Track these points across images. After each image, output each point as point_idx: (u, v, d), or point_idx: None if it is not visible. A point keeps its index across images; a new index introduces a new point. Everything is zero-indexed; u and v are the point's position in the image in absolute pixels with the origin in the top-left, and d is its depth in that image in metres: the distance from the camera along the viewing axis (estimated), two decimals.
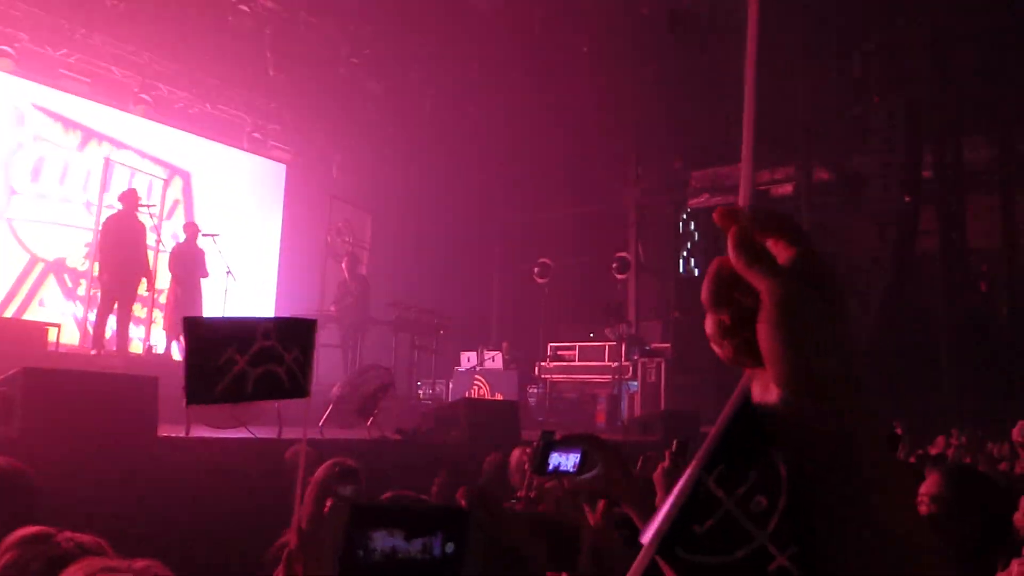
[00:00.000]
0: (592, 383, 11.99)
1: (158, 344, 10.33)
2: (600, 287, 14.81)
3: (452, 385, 11.79)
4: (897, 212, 12.31)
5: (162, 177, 11.55)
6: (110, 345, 9.12)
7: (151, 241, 9.81)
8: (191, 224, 10.26)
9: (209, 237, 10.06)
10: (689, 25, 10.14)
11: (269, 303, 12.60)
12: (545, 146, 13.46)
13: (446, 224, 14.79)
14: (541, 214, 15.58)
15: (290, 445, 4.36)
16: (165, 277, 10.07)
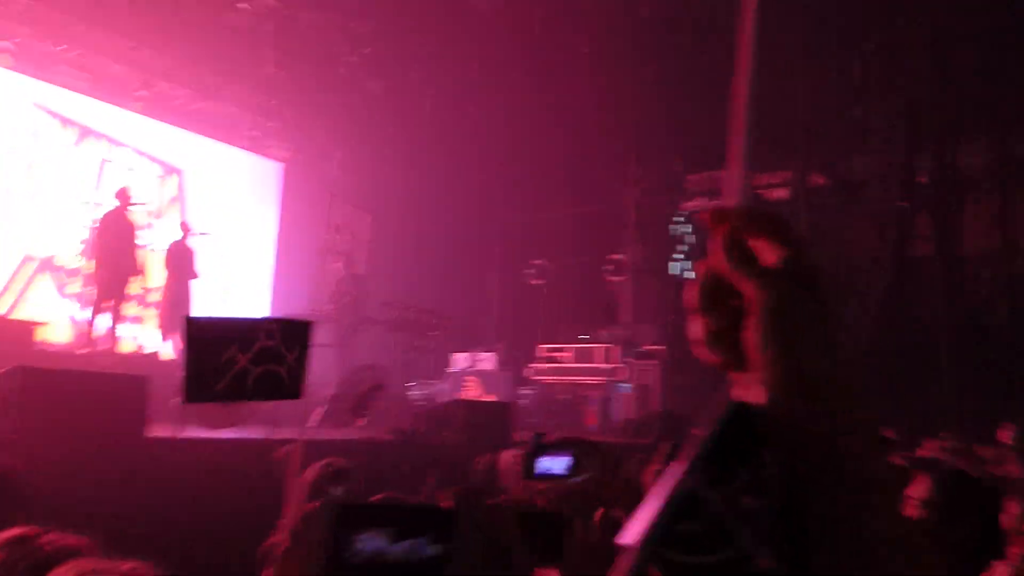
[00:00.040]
0: (585, 385, 11.98)
1: (150, 343, 10.31)
2: (596, 289, 14.80)
3: (445, 386, 11.78)
4: (894, 214, 12.32)
5: (158, 175, 11.53)
6: (101, 344, 9.09)
7: (145, 240, 9.79)
8: (184, 223, 10.26)
9: (201, 236, 10.05)
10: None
11: (264, 302, 12.58)
12: (543, 147, 13.45)
13: (443, 224, 14.78)
14: (537, 215, 15.58)
15: (282, 445, 4.35)
16: (158, 276, 10.05)
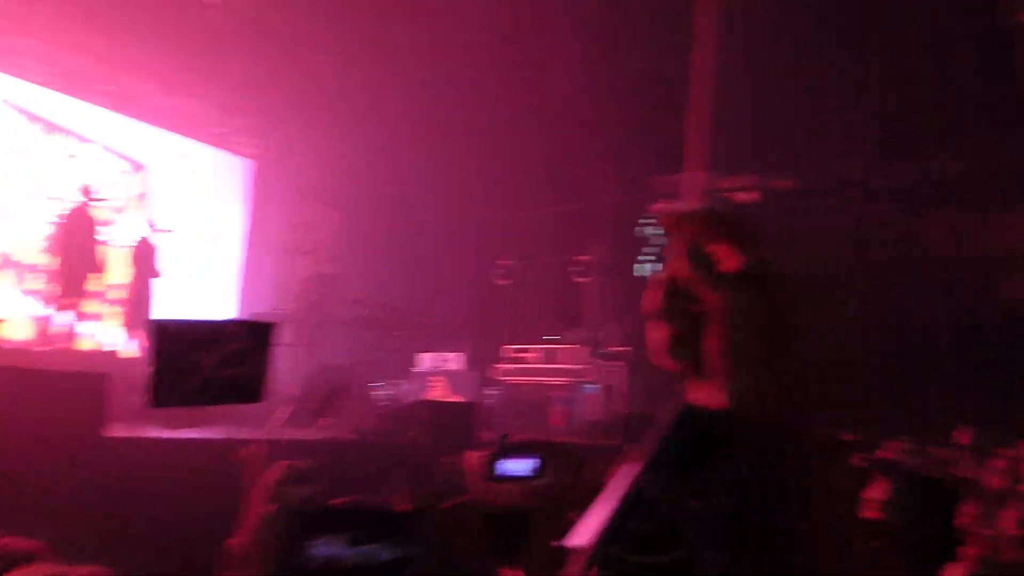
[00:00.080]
0: (550, 386, 11.99)
1: (111, 341, 10.15)
2: (561, 290, 14.83)
3: (410, 386, 11.72)
4: (858, 222, 12.52)
5: (122, 171, 11.34)
6: (60, 341, 8.94)
7: (107, 236, 9.64)
8: (149, 220, 10.12)
9: (163, 233, 9.93)
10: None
11: (229, 300, 12.43)
12: (511, 148, 13.45)
13: (410, 223, 14.72)
14: (505, 215, 15.57)
15: (244, 445, 4.30)
16: (120, 273, 9.90)
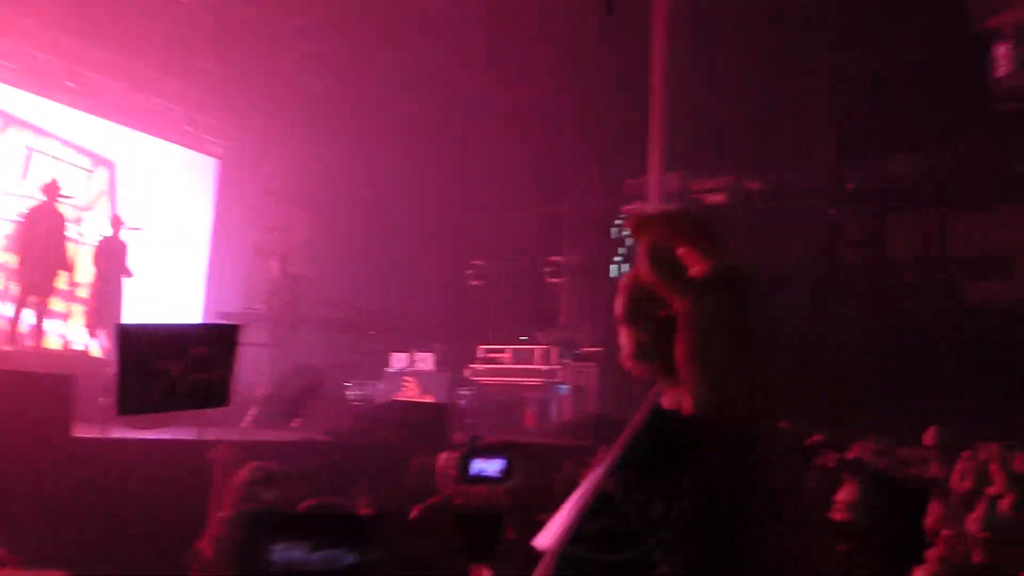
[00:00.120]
0: (523, 386, 12.02)
1: (76, 340, 10.00)
2: (534, 290, 14.87)
3: (382, 386, 11.69)
4: (824, 223, 12.69)
5: (86, 168, 11.17)
6: (25, 340, 8.80)
7: (72, 234, 9.49)
8: (115, 217, 9.96)
9: (132, 231, 9.80)
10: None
11: (197, 301, 12.30)
12: (484, 149, 13.46)
13: (382, 224, 14.66)
14: (477, 216, 15.57)
15: (212, 447, 4.27)
16: (85, 271, 9.76)
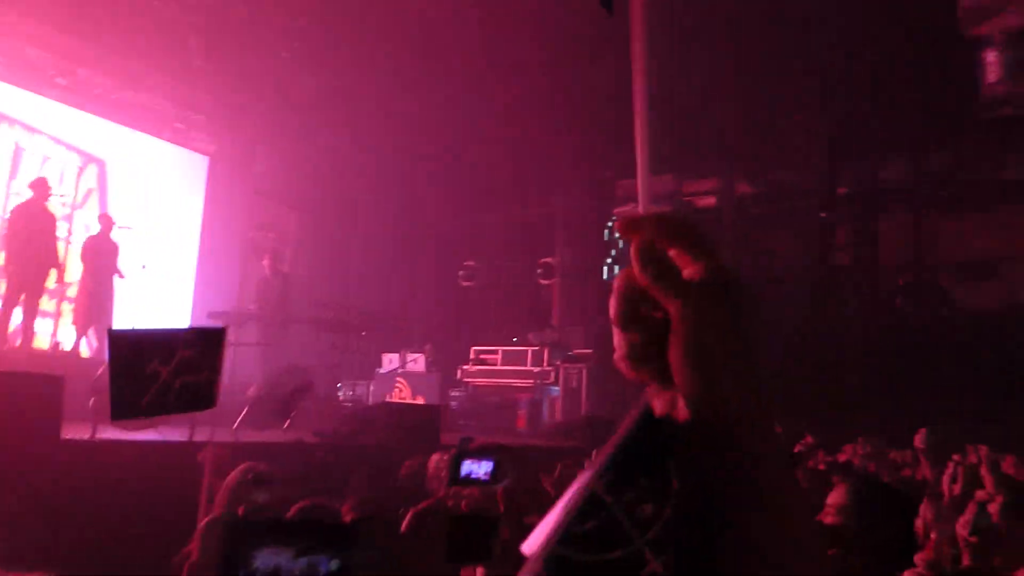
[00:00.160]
0: (514, 388, 12.02)
1: (66, 340, 9.94)
2: (526, 292, 14.88)
3: (373, 387, 11.66)
4: (815, 226, 12.75)
5: (76, 165, 11.12)
6: (14, 340, 8.75)
7: (62, 232, 9.44)
8: (105, 216, 9.91)
9: (124, 230, 9.75)
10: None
11: (187, 300, 12.25)
12: (476, 149, 13.45)
13: (373, 223, 14.64)
14: (469, 217, 15.58)
15: (203, 447, 4.25)
16: (75, 269, 9.70)
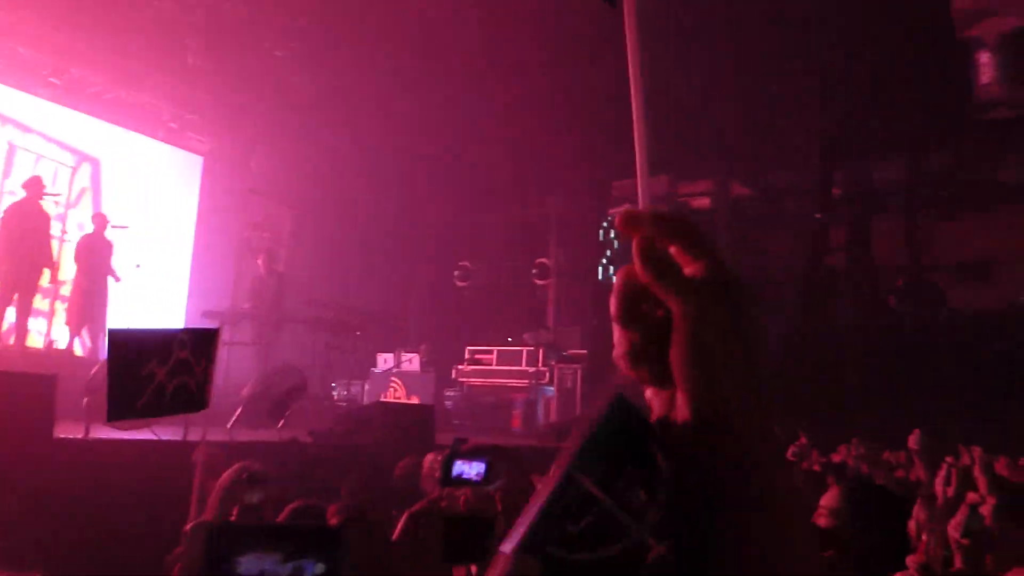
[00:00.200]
0: (509, 388, 12.01)
1: (59, 339, 9.91)
2: (521, 292, 14.88)
3: (368, 387, 11.64)
4: (810, 227, 12.79)
5: (69, 164, 11.08)
6: (7, 338, 8.72)
7: (56, 231, 9.41)
8: (99, 215, 9.88)
9: (118, 229, 9.72)
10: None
11: (181, 299, 12.22)
12: (472, 149, 13.44)
13: (368, 223, 14.62)
14: (465, 217, 15.56)
15: (198, 447, 4.24)
16: (69, 268, 9.67)
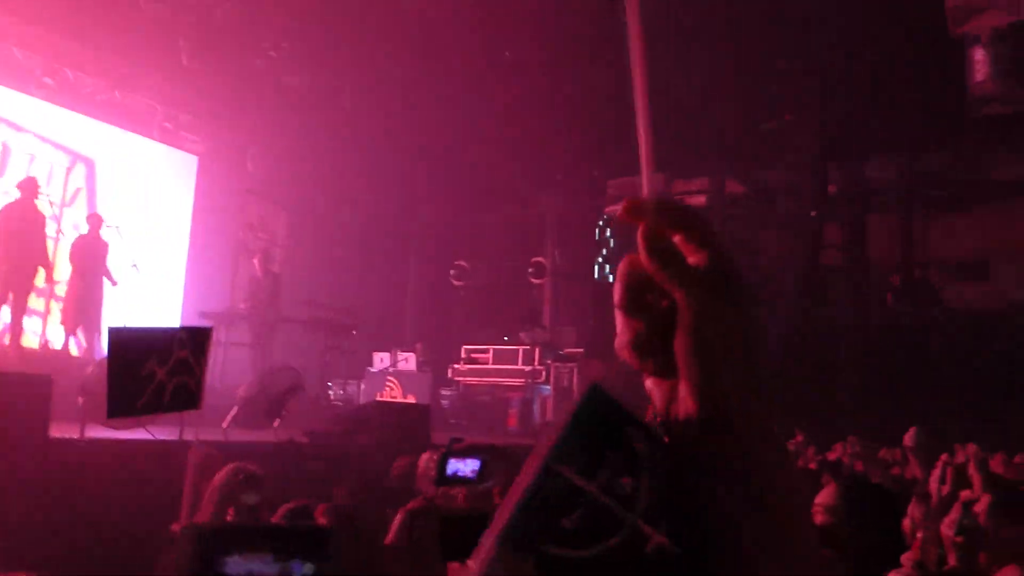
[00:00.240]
0: (505, 387, 12.01)
1: (54, 339, 9.89)
2: (517, 291, 14.88)
3: (364, 386, 11.63)
4: (806, 225, 12.81)
5: (64, 164, 11.06)
6: (2, 338, 8.71)
7: (51, 231, 9.39)
8: (94, 215, 9.86)
9: (112, 229, 9.70)
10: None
11: (176, 299, 12.20)
12: (467, 148, 13.44)
13: (363, 223, 14.61)
14: (460, 217, 15.56)
15: (193, 447, 4.23)
16: (64, 268, 9.65)
